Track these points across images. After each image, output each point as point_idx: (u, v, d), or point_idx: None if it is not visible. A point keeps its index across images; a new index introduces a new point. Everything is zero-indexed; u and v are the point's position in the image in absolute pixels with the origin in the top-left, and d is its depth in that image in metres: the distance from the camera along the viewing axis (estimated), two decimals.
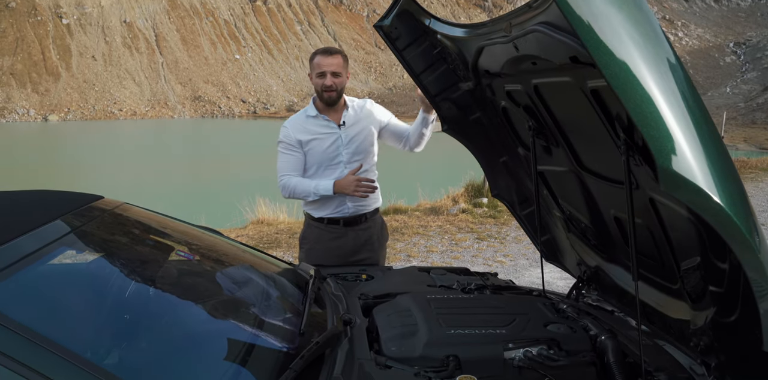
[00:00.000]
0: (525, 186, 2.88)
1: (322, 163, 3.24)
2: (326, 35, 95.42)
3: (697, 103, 1.17)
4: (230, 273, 2.15)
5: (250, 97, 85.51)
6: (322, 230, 3.31)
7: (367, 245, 3.35)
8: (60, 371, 1.26)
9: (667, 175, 1.12)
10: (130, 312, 1.68)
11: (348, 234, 3.30)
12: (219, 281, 2.07)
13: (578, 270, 2.68)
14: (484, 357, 1.83)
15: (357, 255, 3.31)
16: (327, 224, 3.29)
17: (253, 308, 1.98)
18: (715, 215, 1.15)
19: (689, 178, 1.12)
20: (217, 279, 2.08)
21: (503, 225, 8.35)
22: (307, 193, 3.18)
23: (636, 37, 1.12)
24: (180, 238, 2.28)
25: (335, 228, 3.29)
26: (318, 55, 3.17)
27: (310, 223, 3.38)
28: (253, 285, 2.17)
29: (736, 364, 1.70)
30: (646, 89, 1.11)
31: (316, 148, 3.23)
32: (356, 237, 3.31)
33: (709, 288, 1.70)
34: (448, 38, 2.46)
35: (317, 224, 3.32)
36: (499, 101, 2.53)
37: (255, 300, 2.05)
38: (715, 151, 1.16)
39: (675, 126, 1.11)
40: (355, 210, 3.29)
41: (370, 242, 3.36)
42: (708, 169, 1.14)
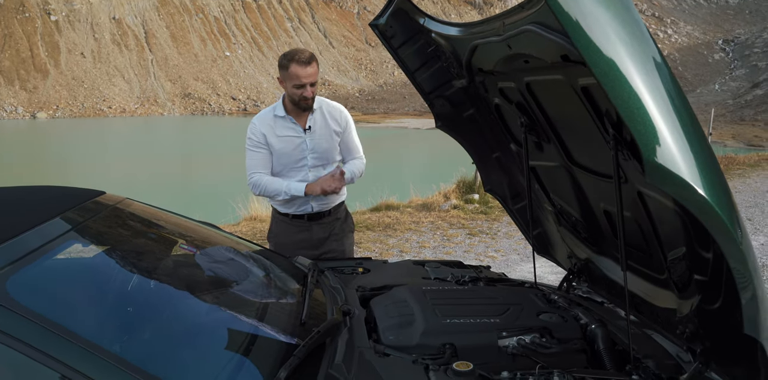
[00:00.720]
0: (517, 181, 2.95)
1: (287, 164, 3.30)
2: (316, 32, 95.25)
3: (682, 100, 1.24)
4: (232, 266, 2.21)
5: (240, 94, 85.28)
6: (288, 224, 3.41)
7: (333, 236, 3.47)
8: (72, 356, 1.31)
9: (653, 168, 1.18)
10: (140, 303, 1.74)
11: (313, 228, 3.41)
12: (222, 273, 2.13)
13: (569, 262, 2.75)
14: (479, 345, 1.90)
15: (324, 246, 3.43)
16: (292, 219, 3.39)
17: (255, 299, 2.04)
18: (699, 207, 1.22)
19: (674, 171, 1.18)
20: (220, 271, 2.14)
21: (494, 221, 8.43)
22: (278, 192, 3.24)
23: (623, 36, 1.18)
24: (182, 232, 2.33)
25: (300, 223, 3.39)
26: (293, 64, 3.08)
27: (276, 218, 3.49)
28: (255, 278, 2.22)
29: (720, 349, 1.77)
30: (633, 86, 1.17)
31: (281, 150, 3.28)
32: (321, 230, 3.42)
33: (694, 277, 1.78)
34: (443, 37, 2.52)
35: (283, 218, 3.42)
36: (492, 98, 2.60)
37: (257, 291, 2.11)
38: (698, 146, 1.23)
39: (660, 121, 1.18)
40: (319, 208, 3.39)
41: (335, 233, 3.47)
42: (692, 162, 1.21)
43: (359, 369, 1.71)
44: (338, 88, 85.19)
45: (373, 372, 1.70)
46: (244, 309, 1.95)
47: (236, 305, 1.97)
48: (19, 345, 1.31)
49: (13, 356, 1.30)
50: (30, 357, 1.30)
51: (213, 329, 1.76)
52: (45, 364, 1.29)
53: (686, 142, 1.22)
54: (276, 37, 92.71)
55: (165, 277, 1.95)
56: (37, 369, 1.29)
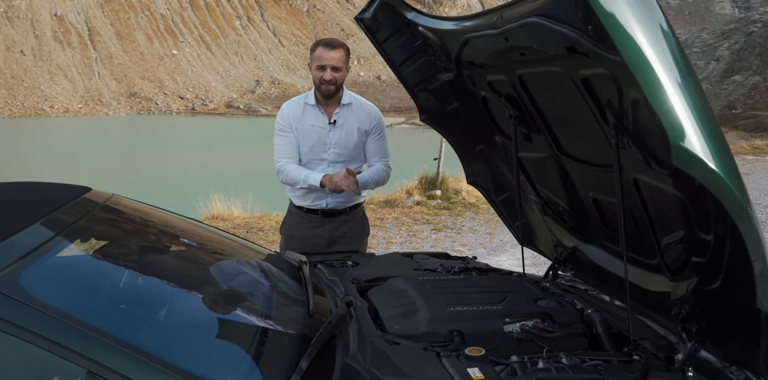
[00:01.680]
0: (501, 173, 3.01)
1: (307, 155, 3.27)
2: (266, 30, 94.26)
3: (699, 89, 1.30)
4: (232, 262, 2.19)
5: (188, 93, 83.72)
6: (301, 218, 3.36)
7: (345, 238, 3.38)
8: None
9: (679, 151, 1.25)
10: (158, 301, 1.71)
11: (325, 225, 3.34)
12: (224, 269, 2.11)
13: (555, 251, 2.82)
14: (485, 332, 1.94)
15: (333, 247, 3.34)
16: (306, 213, 3.34)
17: (261, 293, 2.03)
18: (718, 187, 1.29)
19: (698, 154, 1.25)
20: (222, 267, 2.12)
21: (458, 216, 8.54)
22: (297, 180, 3.21)
23: (652, 28, 1.24)
24: (177, 227, 2.30)
25: (313, 217, 3.34)
26: (320, 47, 3.12)
27: (291, 210, 3.43)
28: (256, 273, 2.21)
29: (717, 327, 1.85)
30: (660, 76, 1.23)
31: (303, 139, 3.25)
32: (333, 228, 3.35)
33: (691, 260, 1.85)
34: (431, 30, 2.54)
35: (297, 211, 3.37)
36: (479, 91, 2.64)
37: (260, 286, 2.10)
38: (715, 132, 1.29)
39: (683, 109, 1.24)
40: (335, 205, 3.33)
41: (348, 235, 3.39)
42: (710, 147, 1.28)
43: (374, 357, 1.72)
44: (288, 86, 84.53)
45: (388, 360, 1.72)
46: (253, 303, 1.94)
47: (244, 299, 1.96)
48: (36, 339, 1.29)
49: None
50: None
51: (227, 322, 1.75)
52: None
53: (705, 128, 1.28)
54: (224, 36, 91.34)
55: (171, 275, 1.92)
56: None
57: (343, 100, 3.27)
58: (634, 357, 1.91)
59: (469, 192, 9.49)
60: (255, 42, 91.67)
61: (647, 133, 1.72)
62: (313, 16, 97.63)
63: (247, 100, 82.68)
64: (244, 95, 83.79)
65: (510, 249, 6.80)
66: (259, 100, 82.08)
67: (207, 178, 18.52)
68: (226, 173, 20.44)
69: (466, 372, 1.66)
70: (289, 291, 2.17)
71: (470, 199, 9.30)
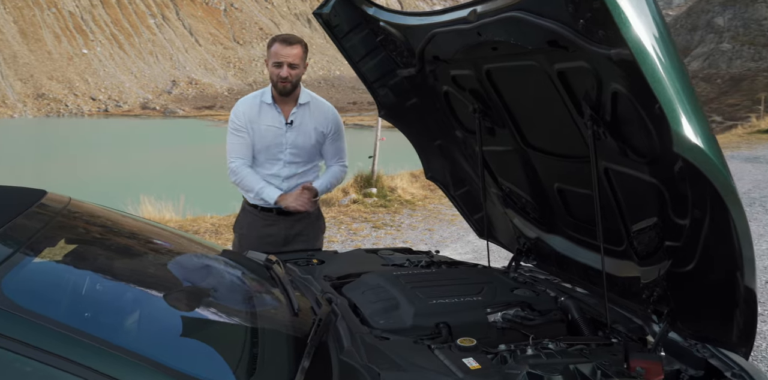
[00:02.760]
0: (460, 167, 3.05)
1: (263, 154, 3.21)
2: (182, 29, 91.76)
3: (687, 76, 1.36)
4: (207, 263, 2.12)
5: (101, 94, 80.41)
6: (255, 216, 3.30)
7: (301, 236, 3.35)
8: None
9: (680, 138, 1.31)
10: (141, 306, 1.63)
11: (280, 223, 3.29)
12: (201, 270, 2.04)
13: (517, 243, 2.88)
14: (471, 322, 1.96)
15: (289, 245, 3.30)
16: (261, 211, 3.28)
17: (243, 294, 1.97)
18: (712, 171, 1.36)
19: (695, 141, 1.32)
20: (199, 268, 2.05)
21: (395, 213, 8.59)
22: (251, 190, 3.16)
23: (653, 19, 1.29)
24: (147, 229, 2.21)
25: (268, 216, 3.28)
26: (276, 43, 3.07)
27: (245, 208, 3.36)
28: (233, 273, 2.15)
29: (688, 308, 1.94)
30: (662, 67, 1.29)
31: (258, 139, 3.19)
32: (289, 226, 3.31)
33: (664, 244, 1.94)
34: (394, 26, 2.54)
35: (251, 209, 3.31)
36: (441, 86, 2.66)
37: (240, 287, 2.04)
38: (704, 119, 1.36)
39: (684, 98, 1.30)
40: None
41: (305, 233, 3.36)
42: (702, 133, 1.35)
43: (368, 353, 1.71)
44: (206, 86, 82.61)
45: (382, 355, 1.71)
46: (238, 304, 1.88)
47: (228, 300, 1.90)
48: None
49: None
50: None
51: (217, 324, 1.69)
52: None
53: (697, 115, 1.34)
54: (138, 34, 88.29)
55: (149, 274, 1.84)
56: None
57: (300, 99, 3.22)
58: (613, 340, 1.98)
59: (405, 190, 9.58)
60: (170, 41, 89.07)
61: (626, 122, 1.79)
62: (230, 15, 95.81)
63: (164, 100, 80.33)
64: (160, 96, 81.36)
65: (451, 245, 6.90)
66: (176, 101, 79.92)
67: (134, 180, 17.85)
68: (154, 175, 19.79)
69: (462, 363, 1.68)
70: (267, 291, 2.13)
71: (406, 196, 9.38)
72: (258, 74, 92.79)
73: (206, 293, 1.90)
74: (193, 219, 8.20)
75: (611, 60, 1.55)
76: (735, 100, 41.00)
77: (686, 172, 1.50)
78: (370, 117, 34.93)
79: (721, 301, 1.77)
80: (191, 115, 72.54)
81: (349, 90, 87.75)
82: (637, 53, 1.27)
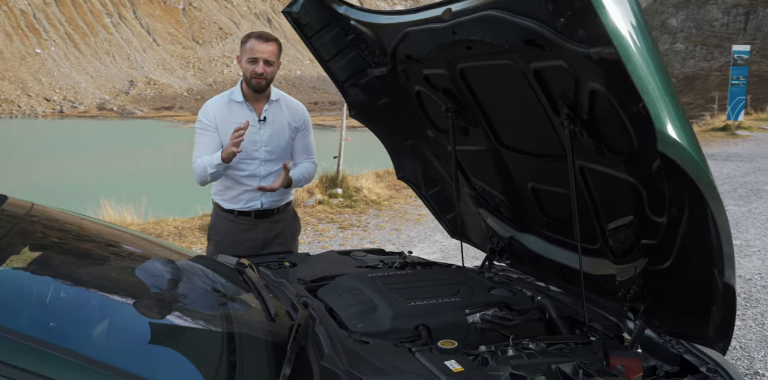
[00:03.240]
0: (432, 167, 3.03)
1: (238, 154, 3.12)
2: (139, 28, 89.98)
3: (668, 75, 1.37)
4: (178, 268, 2.05)
5: (56, 94, 78.31)
6: (231, 221, 3.21)
7: (279, 238, 3.29)
8: None
9: (664, 137, 1.31)
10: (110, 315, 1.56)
11: (259, 227, 3.23)
12: (170, 277, 1.97)
13: (490, 242, 2.88)
14: (450, 324, 1.94)
15: (268, 248, 3.23)
16: (237, 216, 3.20)
17: (216, 300, 1.91)
18: (695, 169, 1.36)
19: (679, 139, 1.32)
20: (166, 275, 1.98)
21: (361, 214, 8.56)
22: (204, 170, 3.04)
23: (635, 21, 1.29)
24: (114, 234, 2.13)
25: (245, 220, 3.20)
26: (252, 39, 3.02)
27: (219, 214, 3.27)
28: (201, 279, 2.09)
29: (664, 305, 1.96)
30: (646, 66, 1.28)
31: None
32: (267, 229, 3.25)
33: (640, 242, 1.95)
34: (366, 25, 2.51)
35: (227, 215, 3.22)
36: (413, 86, 2.64)
37: (213, 292, 1.98)
38: (685, 118, 1.37)
39: (667, 98, 1.30)
40: (269, 205, 3.22)
41: (283, 234, 3.30)
42: (685, 132, 1.35)
43: (348, 358, 1.68)
44: (165, 87, 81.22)
45: (363, 360, 1.68)
46: (212, 310, 1.82)
47: (201, 306, 1.84)
48: None
49: None
50: None
51: (188, 333, 1.63)
52: None
53: (678, 114, 1.34)
54: (94, 34, 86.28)
55: (120, 281, 1.77)
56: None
57: (271, 96, 3.18)
58: (591, 338, 1.99)
59: (370, 190, 9.55)
60: (127, 41, 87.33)
61: (603, 121, 1.79)
62: (189, 14, 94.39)
63: (121, 101, 78.72)
64: (117, 96, 79.67)
65: (419, 244, 6.90)
66: (134, 102, 78.39)
67: (92, 183, 17.39)
68: (113, 177, 19.29)
69: (445, 365, 1.66)
70: (243, 296, 2.07)
71: (371, 197, 9.35)
72: (218, 74, 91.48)
73: (178, 300, 1.83)
74: (155, 222, 8.03)
75: (590, 59, 1.55)
76: (689, 99, 42.07)
77: (667, 170, 1.51)
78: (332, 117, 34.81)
79: (698, 298, 1.79)
80: (150, 115, 71.22)
81: (311, 90, 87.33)
82: (622, 52, 1.27)
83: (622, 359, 1.82)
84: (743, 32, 73.36)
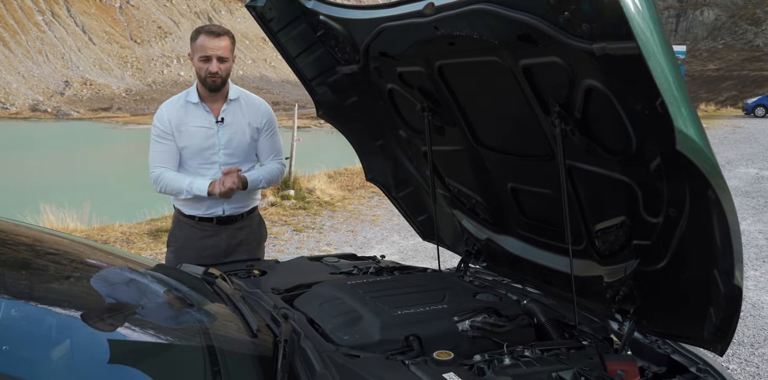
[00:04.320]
0: (402, 168, 2.94)
1: (196, 159, 2.95)
2: (74, 27, 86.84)
3: (680, 73, 1.31)
4: (146, 283, 1.90)
5: None
6: (193, 227, 3.04)
7: (244, 245, 3.13)
8: None
9: (683, 135, 1.25)
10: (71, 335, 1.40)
11: (222, 233, 3.06)
12: (136, 291, 1.82)
13: (465, 244, 2.81)
14: (441, 333, 1.85)
15: (232, 256, 3.07)
16: (199, 221, 3.04)
17: (188, 315, 1.77)
18: (710, 169, 1.31)
19: (695, 138, 1.27)
20: (133, 289, 1.83)
21: (315, 215, 8.41)
22: (180, 191, 2.90)
23: (653, 16, 1.23)
24: (72, 245, 1.95)
25: (207, 226, 3.04)
26: (202, 35, 2.82)
27: (180, 220, 3.09)
28: (169, 293, 1.93)
29: (656, 305, 1.92)
30: (665, 63, 1.23)
31: (190, 142, 2.93)
32: (231, 236, 3.08)
33: (632, 243, 1.90)
34: (337, 20, 2.40)
35: (188, 221, 3.05)
36: (385, 84, 2.55)
37: (182, 307, 1.83)
38: (698, 118, 1.32)
39: (682, 95, 1.25)
40: (231, 212, 3.06)
41: (247, 242, 3.14)
42: (700, 131, 1.30)
43: (341, 374, 1.57)
44: (102, 87, 78.63)
45: (357, 376, 1.57)
46: (185, 327, 1.67)
47: (172, 323, 1.69)
48: None
49: None
50: None
51: (162, 355, 1.48)
52: None
53: (691, 112, 1.29)
54: (25, 32, 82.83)
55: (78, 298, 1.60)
56: None
57: (230, 95, 2.99)
58: (584, 342, 1.93)
59: (323, 191, 9.41)
60: (62, 39, 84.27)
61: (599, 120, 1.74)
62: (126, 12, 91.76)
63: (56, 102, 75.91)
64: (51, 97, 76.80)
65: (376, 246, 6.81)
66: (70, 103, 75.71)
67: (30, 188, 16.60)
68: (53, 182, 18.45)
69: (444, 379, 1.56)
70: (217, 308, 1.93)
71: (324, 198, 9.22)
72: (158, 74, 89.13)
73: (146, 317, 1.68)
74: (101, 228, 7.69)
75: (592, 55, 1.49)
76: None
77: (673, 170, 1.46)
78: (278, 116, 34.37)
79: (694, 299, 1.75)
80: (86, 117, 68.89)
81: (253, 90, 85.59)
82: (643, 47, 1.20)
83: (618, 363, 1.78)
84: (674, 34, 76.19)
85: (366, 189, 10.19)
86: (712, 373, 1.89)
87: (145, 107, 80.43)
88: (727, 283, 1.55)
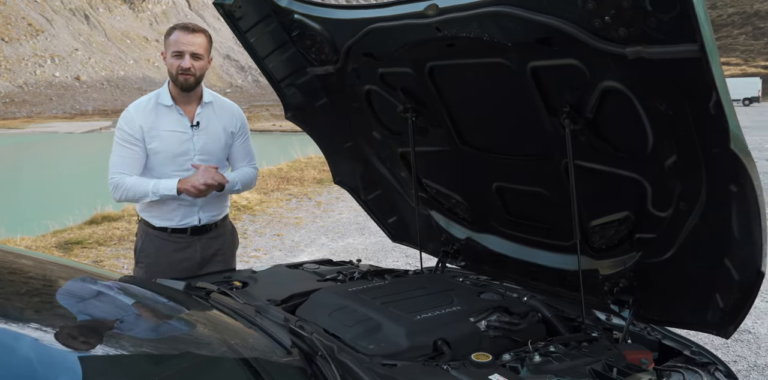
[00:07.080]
0: (373, 170, 2.90)
1: (169, 166, 2.75)
2: None
3: None
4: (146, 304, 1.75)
5: None
6: (164, 240, 2.84)
7: (218, 255, 2.97)
8: None
9: (735, 135, 1.33)
10: None
11: (196, 244, 2.88)
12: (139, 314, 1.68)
13: (443, 245, 2.82)
14: (466, 334, 1.85)
15: (207, 267, 2.91)
16: (171, 233, 2.83)
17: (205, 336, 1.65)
18: (750, 163, 1.39)
19: (740, 136, 1.35)
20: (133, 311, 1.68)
21: (235, 220, 8.16)
22: (145, 194, 2.68)
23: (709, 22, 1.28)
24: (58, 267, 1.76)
25: (181, 238, 2.84)
26: (177, 31, 2.68)
27: (148, 232, 2.87)
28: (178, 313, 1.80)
29: (656, 295, 2.01)
30: (719, 67, 1.29)
31: (162, 148, 2.73)
32: (206, 246, 2.91)
33: (634, 237, 1.98)
34: (316, 19, 2.33)
35: (158, 233, 2.84)
36: (362, 85, 2.51)
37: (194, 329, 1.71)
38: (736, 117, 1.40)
39: (728, 96, 1.33)
40: (207, 220, 2.89)
41: (222, 252, 2.98)
42: (740, 129, 1.38)
43: None
44: None
45: None
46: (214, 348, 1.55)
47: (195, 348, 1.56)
48: None
49: None
50: None
51: None
52: None
53: (732, 111, 1.36)
54: None
55: None
56: None
57: (204, 98, 2.83)
58: (593, 334, 1.99)
59: (240, 195, 9.16)
60: None
61: (612, 120, 1.79)
62: None
63: None
64: None
65: (306, 249, 6.71)
66: None
67: None
68: None
69: None
70: (235, 327, 1.82)
71: (242, 202, 8.98)
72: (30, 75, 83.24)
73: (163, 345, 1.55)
74: None
75: (620, 58, 1.53)
76: None
77: (700, 166, 1.54)
78: None
79: (699, 286, 1.85)
80: None
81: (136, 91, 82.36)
82: (709, 50, 1.25)
83: (636, 352, 1.84)
84: None
85: (282, 191, 10.02)
86: (706, 355, 2.00)
87: (15, 110, 74.82)
88: (742, 271, 1.64)
